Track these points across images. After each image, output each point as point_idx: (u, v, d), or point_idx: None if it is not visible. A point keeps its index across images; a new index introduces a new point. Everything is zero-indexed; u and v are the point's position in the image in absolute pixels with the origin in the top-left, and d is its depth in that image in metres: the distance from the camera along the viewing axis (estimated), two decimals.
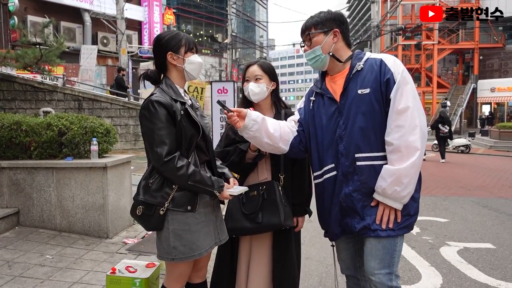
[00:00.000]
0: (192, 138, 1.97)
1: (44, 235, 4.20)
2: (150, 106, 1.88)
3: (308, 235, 4.71)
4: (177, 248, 1.92)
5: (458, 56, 33.83)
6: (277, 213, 2.15)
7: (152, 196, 1.92)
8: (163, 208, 1.90)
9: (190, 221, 1.94)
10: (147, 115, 1.89)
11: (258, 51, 51.91)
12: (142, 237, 4.33)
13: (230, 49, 29.98)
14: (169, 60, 2.01)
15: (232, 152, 2.27)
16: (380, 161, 1.87)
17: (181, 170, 1.86)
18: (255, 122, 2.01)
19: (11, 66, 10.11)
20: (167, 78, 2.05)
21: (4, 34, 16.87)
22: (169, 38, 2.01)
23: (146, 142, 1.94)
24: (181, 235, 1.93)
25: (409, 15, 32.05)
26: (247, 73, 2.35)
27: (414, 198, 1.89)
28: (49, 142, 4.35)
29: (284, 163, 2.28)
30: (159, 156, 1.84)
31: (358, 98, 1.89)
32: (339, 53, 1.99)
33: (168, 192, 1.91)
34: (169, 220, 1.92)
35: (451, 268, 3.77)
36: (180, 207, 1.92)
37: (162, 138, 1.86)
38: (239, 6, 37.01)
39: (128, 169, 4.84)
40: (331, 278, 3.56)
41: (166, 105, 1.88)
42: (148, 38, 23.13)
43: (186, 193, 1.93)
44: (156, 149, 1.85)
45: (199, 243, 1.96)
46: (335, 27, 1.96)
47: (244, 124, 2.01)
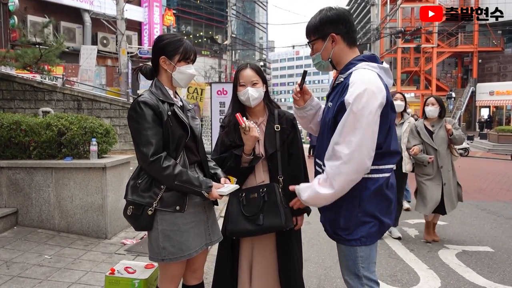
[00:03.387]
0: (180, 138, 1.97)
1: (43, 235, 4.19)
2: (137, 106, 1.90)
3: (306, 237, 4.71)
4: (167, 249, 1.94)
5: (457, 59, 33.93)
6: (278, 214, 2.16)
7: (140, 196, 1.94)
8: (151, 208, 1.92)
9: (179, 221, 1.96)
10: (133, 116, 1.91)
11: (258, 52, 51.96)
12: (140, 238, 4.33)
13: (230, 51, 30.00)
14: (161, 63, 2.03)
15: (228, 157, 2.28)
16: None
17: (167, 170, 1.87)
18: (312, 108, 2.17)
19: (11, 66, 10.10)
20: (157, 80, 2.06)
21: (4, 34, 16.86)
22: (168, 42, 2.02)
23: (134, 142, 1.95)
24: (170, 235, 1.94)
25: (408, 18, 32.13)
26: (241, 77, 2.30)
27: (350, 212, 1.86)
28: (48, 142, 4.35)
29: (282, 165, 2.29)
30: (145, 156, 1.86)
31: (326, 108, 1.99)
32: (339, 57, 1.96)
33: (156, 192, 1.93)
34: (158, 221, 1.94)
35: (449, 271, 3.77)
36: (169, 207, 1.94)
37: (148, 138, 1.87)
38: (239, 8, 37.03)
39: (127, 169, 4.84)
40: (330, 280, 3.56)
41: (152, 106, 1.90)
42: (148, 39, 23.13)
43: (175, 193, 1.94)
44: (142, 149, 1.87)
45: (188, 244, 1.97)
46: (331, 31, 1.91)
47: (304, 105, 2.17)
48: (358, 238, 1.87)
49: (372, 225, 1.87)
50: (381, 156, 1.83)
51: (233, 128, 2.30)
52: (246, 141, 2.22)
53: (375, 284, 1.93)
